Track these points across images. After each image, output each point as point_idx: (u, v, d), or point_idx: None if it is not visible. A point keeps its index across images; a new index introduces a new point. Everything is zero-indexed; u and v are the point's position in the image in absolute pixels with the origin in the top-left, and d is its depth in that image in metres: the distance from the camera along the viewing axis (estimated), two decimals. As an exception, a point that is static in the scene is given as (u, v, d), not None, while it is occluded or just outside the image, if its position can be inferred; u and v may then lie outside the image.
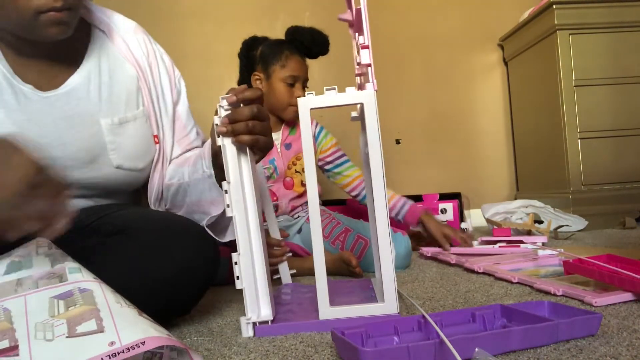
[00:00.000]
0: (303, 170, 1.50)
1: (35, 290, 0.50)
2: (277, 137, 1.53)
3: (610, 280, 0.83)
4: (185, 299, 0.80)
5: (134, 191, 1.00)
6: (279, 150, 1.52)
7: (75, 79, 0.86)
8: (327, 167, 1.59)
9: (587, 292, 0.82)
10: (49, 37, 0.76)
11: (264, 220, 1.13)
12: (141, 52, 0.95)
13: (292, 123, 1.55)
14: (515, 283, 0.99)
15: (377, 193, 0.74)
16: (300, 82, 1.47)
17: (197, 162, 0.87)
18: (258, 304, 0.75)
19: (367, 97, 0.75)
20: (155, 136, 0.94)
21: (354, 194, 1.57)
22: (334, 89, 0.76)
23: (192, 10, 2.35)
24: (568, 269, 0.95)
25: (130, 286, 0.68)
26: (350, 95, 0.76)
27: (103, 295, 0.51)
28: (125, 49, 0.93)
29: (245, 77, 1.54)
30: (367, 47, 0.77)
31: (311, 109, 0.76)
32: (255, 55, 1.51)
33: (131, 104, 0.91)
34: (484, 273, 1.13)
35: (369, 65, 0.78)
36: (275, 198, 1.50)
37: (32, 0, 0.70)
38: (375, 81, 0.78)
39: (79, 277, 0.53)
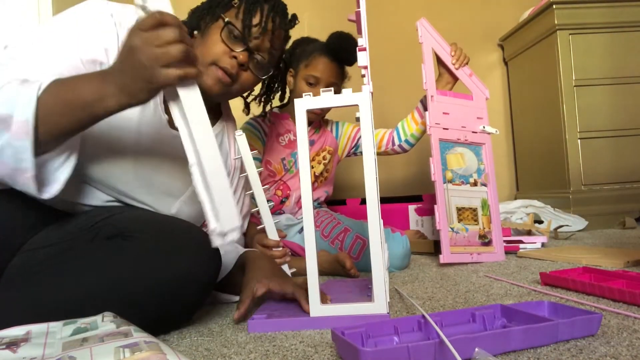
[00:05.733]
0: (318, 162, 1.56)
1: (101, 343, 0.49)
2: None
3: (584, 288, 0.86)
4: (185, 306, 0.77)
5: None
6: None
7: (216, 130, 0.99)
8: (360, 146, 1.63)
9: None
10: (207, 89, 0.85)
11: (259, 217, 1.12)
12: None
13: (316, 124, 1.57)
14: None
15: (369, 192, 0.75)
16: (323, 84, 1.44)
17: None
18: (218, 215, 0.67)
19: (362, 99, 0.76)
20: None
21: (389, 146, 1.61)
22: (331, 90, 0.77)
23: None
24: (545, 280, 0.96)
25: (130, 291, 0.68)
26: (346, 97, 0.77)
27: (169, 347, 0.49)
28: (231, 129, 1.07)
29: (282, 71, 1.55)
30: (364, 49, 0.77)
31: (307, 110, 0.77)
32: (295, 52, 1.53)
33: None
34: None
35: (365, 67, 0.78)
36: (287, 192, 1.51)
37: (216, 52, 0.86)
38: (371, 83, 0.79)
39: (144, 335, 0.52)
